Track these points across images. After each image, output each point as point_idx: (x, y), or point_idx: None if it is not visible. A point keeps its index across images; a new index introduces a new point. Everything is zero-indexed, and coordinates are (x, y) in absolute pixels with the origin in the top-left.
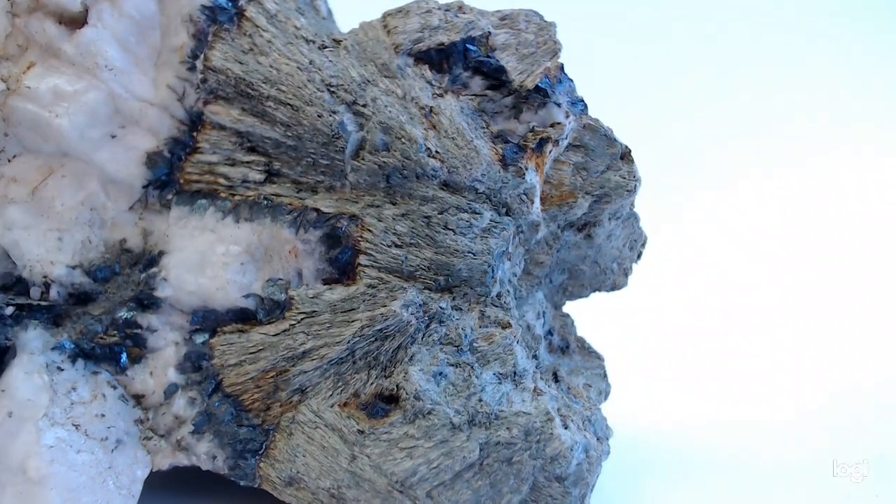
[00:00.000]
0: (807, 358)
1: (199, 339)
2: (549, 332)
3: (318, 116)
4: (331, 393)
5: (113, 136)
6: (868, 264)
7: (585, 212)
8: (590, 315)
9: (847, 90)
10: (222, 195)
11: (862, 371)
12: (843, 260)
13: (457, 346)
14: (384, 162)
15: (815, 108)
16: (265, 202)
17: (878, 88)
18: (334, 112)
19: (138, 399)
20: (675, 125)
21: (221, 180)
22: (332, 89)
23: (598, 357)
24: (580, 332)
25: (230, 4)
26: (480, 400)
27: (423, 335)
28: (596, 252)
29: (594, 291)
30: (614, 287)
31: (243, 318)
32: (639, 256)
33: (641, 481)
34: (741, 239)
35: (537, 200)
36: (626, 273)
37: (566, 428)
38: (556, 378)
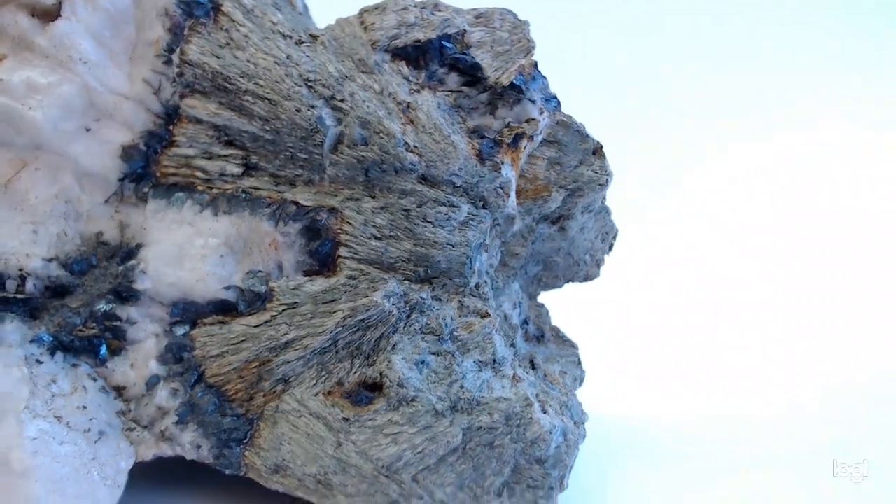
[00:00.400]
0: (779, 348)
1: (180, 330)
2: (525, 322)
3: (297, 111)
4: (314, 382)
5: (87, 129)
6: (848, 257)
7: (559, 205)
8: (561, 305)
9: (834, 83)
10: (200, 188)
11: (829, 358)
12: (822, 251)
13: (438, 336)
14: (363, 156)
15: (792, 96)
16: (243, 195)
17: (866, 86)
18: (312, 106)
19: (119, 391)
20: (642, 122)
21: (199, 173)
22: (309, 84)
23: (573, 345)
24: (554, 322)
25: None
26: (462, 387)
27: (405, 325)
28: (569, 244)
29: (568, 282)
30: (587, 278)
31: (223, 309)
32: (610, 248)
33: (613, 463)
34: (713, 233)
35: (513, 194)
36: (598, 264)
37: (545, 413)
38: (532, 365)
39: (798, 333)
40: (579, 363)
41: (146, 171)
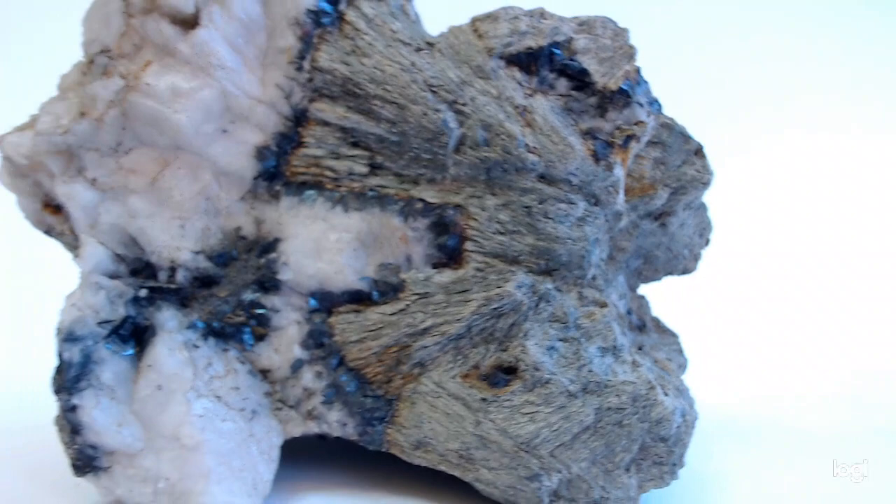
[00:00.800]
0: (840, 333)
1: (318, 318)
2: (629, 312)
3: (424, 114)
4: (451, 366)
5: (224, 131)
6: None
7: (663, 202)
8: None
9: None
10: (329, 186)
11: None
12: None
13: (564, 323)
14: (486, 156)
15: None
16: (370, 193)
17: None
18: (437, 110)
19: (265, 374)
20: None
21: (327, 172)
22: (433, 89)
23: (673, 334)
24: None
25: (331, 8)
26: (590, 370)
27: (534, 313)
28: (669, 239)
29: (667, 275)
30: (685, 271)
31: (357, 299)
32: (707, 243)
33: (709, 445)
34: (776, 227)
35: (622, 192)
36: (696, 258)
37: (666, 395)
38: (642, 352)
39: (864, 322)
40: (681, 351)
41: (278, 170)
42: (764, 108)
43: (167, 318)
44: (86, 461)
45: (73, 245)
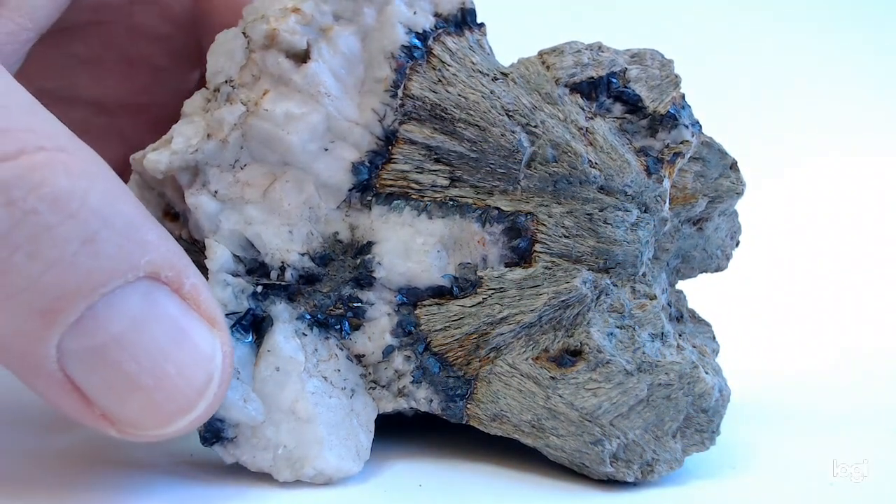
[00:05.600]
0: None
1: (405, 311)
2: (668, 304)
3: (502, 135)
4: (523, 350)
5: (325, 150)
6: None
7: (702, 210)
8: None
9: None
10: (414, 197)
11: None
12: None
13: (620, 313)
14: (554, 171)
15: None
16: (451, 203)
17: None
18: (513, 131)
19: (359, 358)
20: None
21: (413, 185)
22: (510, 114)
23: (707, 324)
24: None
25: (421, 43)
26: (644, 353)
27: (595, 304)
28: (705, 241)
29: (701, 273)
30: (718, 269)
31: (439, 294)
32: (737, 244)
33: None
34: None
35: (667, 201)
36: (727, 258)
37: (707, 374)
38: (682, 338)
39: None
40: (714, 338)
41: (370, 182)
42: (767, 114)
43: (280, 310)
44: (214, 433)
45: (184, 249)
